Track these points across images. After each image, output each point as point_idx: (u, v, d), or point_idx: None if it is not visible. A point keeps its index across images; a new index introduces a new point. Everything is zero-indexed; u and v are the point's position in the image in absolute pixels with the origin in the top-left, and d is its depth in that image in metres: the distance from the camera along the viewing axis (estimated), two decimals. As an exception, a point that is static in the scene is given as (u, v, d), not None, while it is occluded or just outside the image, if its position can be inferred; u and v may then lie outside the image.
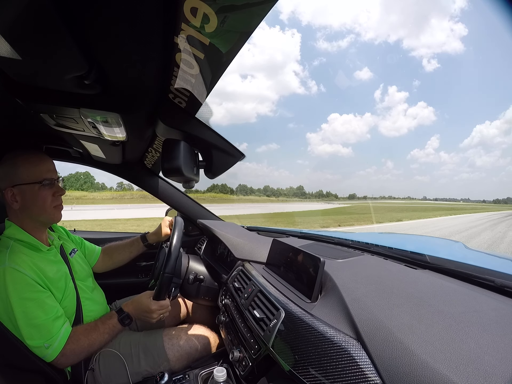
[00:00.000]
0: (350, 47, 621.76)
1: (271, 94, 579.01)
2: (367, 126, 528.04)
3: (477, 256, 1.06)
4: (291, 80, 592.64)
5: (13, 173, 0.84)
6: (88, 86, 0.61)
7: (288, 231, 1.55)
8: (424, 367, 0.40)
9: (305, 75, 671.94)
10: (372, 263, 0.88)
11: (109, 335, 0.91)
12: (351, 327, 0.55)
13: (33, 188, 0.86)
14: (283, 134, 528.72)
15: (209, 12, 0.40)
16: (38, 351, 0.78)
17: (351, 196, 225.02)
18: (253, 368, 0.75)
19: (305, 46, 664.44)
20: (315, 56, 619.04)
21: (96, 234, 1.90)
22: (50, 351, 0.79)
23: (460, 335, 0.44)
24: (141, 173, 1.56)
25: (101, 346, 0.91)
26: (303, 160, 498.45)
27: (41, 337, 0.78)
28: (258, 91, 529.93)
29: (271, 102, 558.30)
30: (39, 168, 0.88)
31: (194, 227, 1.71)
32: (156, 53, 0.53)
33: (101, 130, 0.86)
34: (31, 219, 0.89)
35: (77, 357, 0.86)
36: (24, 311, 0.76)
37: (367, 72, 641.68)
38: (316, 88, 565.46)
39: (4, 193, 0.84)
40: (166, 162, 0.74)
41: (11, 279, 0.76)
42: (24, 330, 0.76)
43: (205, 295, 1.19)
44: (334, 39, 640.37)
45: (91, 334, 0.88)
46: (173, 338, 1.02)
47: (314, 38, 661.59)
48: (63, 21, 0.42)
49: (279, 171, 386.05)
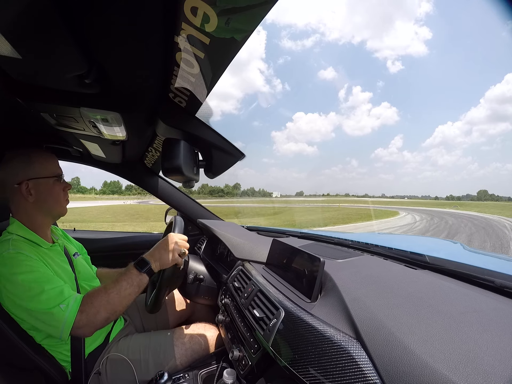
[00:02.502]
0: (314, 46, 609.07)
1: (235, 92, 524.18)
2: (331, 125, 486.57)
3: (477, 257, 1.06)
4: (256, 77, 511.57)
5: (29, 168, 0.86)
6: (88, 85, 0.61)
7: (288, 231, 1.55)
8: (424, 367, 0.40)
9: (270, 73, 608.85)
10: (372, 263, 0.88)
11: (126, 283, 0.82)
12: (350, 327, 0.55)
13: (48, 182, 0.89)
14: (248, 133, 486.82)
15: (209, 11, 0.40)
16: (56, 318, 0.74)
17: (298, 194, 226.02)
18: (252, 367, 0.75)
19: (270, 44, 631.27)
20: (280, 55, 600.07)
21: (96, 234, 1.90)
22: (67, 312, 0.74)
23: (459, 335, 0.44)
24: (141, 172, 1.56)
25: (122, 302, 0.81)
26: (268, 159, 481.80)
27: (55, 298, 0.75)
28: (222, 89, 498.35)
29: (236, 100, 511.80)
30: (53, 164, 0.92)
31: (194, 226, 1.72)
32: (156, 52, 0.53)
33: (101, 129, 0.86)
34: (42, 213, 0.90)
35: (99, 315, 0.78)
36: (35, 280, 0.75)
37: (331, 71, 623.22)
38: (281, 86, 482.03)
39: (19, 187, 0.85)
40: (166, 161, 0.74)
41: (17, 261, 0.76)
42: (36, 298, 0.74)
43: (205, 295, 1.19)
44: (299, 38, 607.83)
45: (107, 288, 0.81)
46: (180, 339, 1.01)
47: (279, 37, 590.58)
48: (63, 21, 0.42)
49: (244, 169, 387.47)
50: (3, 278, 0.75)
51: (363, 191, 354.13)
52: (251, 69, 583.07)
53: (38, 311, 0.74)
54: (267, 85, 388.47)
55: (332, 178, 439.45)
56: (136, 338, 1.02)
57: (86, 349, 0.91)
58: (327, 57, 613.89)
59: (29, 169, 0.86)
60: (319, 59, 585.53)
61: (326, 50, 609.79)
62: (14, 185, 0.85)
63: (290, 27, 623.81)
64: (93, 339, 0.93)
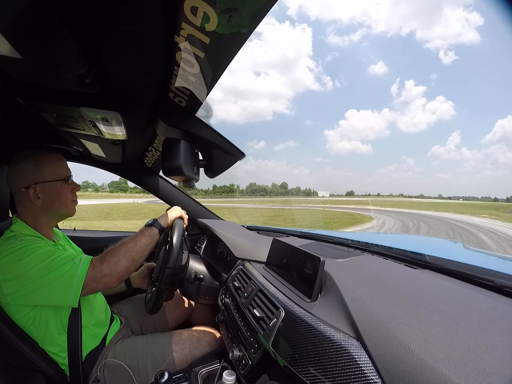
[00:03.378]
0: (362, 40, 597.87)
1: (286, 91, 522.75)
2: (385, 122, 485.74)
3: (477, 256, 1.06)
4: (305, 76, 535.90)
5: (37, 171, 0.86)
6: (88, 85, 0.61)
7: (288, 230, 1.55)
8: (424, 366, 0.40)
9: (319, 71, 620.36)
10: (372, 262, 0.88)
11: (140, 235, 0.91)
12: (350, 326, 0.55)
13: (55, 185, 0.89)
14: (301, 132, 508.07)
15: (209, 11, 0.40)
16: (69, 273, 0.77)
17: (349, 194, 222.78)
18: (252, 367, 0.75)
19: (317, 41, 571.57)
20: (328, 51, 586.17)
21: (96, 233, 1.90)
22: (81, 265, 0.79)
23: (459, 335, 0.44)
24: (141, 172, 1.56)
25: (138, 251, 0.88)
26: (322, 158, 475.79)
27: (67, 257, 0.80)
28: (272, 89, 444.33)
29: (287, 99, 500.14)
30: (62, 167, 0.92)
31: (194, 226, 1.72)
32: (157, 52, 0.53)
33: (101, 129, 0.86)
34: (48, 215, 0.91)
35: (120, 263, 0.83)
36: (45, 252, 0.78)
37: (382, 66, 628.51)
38: (331, 84, 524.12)
39: (27, 190, 0.85)
40: (166, 161, 0.74)
41: (24, 249, 0.78)
42: (48, 263, 0.77)
43: (205, 294, 1.19)
44: (345, 33, 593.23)
45: (124, 241, 0.89)
46: (179, 343, 1.00)
47: (324, 33, 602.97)
48: (63, 20, 0.42)
49: (299, 169, 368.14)
50: (11, 269, 0.76)
51: (418, 191, 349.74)
52: (300, 68, 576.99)
53: (50, 273, 0.76)
54: (317, 82, 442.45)
55: (388, 177, 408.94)
56: (133, 341, 1.00)
57: (84, 350, 0.90)
58: (376, 51, 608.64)
59: (37, 173, 0.86)
60: (368, 53, 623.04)
61: (374, 44, 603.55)
62: (22, 189, 0.85)
63: (335, 23, 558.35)
64: (89, 339, 0.93)
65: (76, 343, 0.89)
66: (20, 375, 0.81)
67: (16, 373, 0.80)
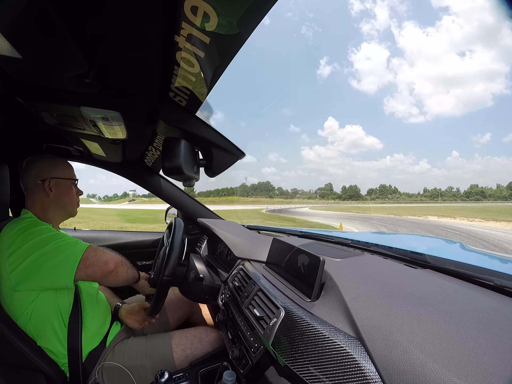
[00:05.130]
0: None
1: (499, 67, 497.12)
2: None
3: (477, 256, 1.06)
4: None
5: (54, 168, 0.99)
6: (89, 85, 0.61)
7: (288, 230, 1.55)
8: (424, 366, 0.40)
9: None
10: (372, 262, 0.88)
11: (134, 272, 1.02)
12: (351, 326, 0.55)
13: (67, 183, 1.01)
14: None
15: (209, 11, 0.40)
16: (70, 246, 0.86)
17: None
18: (253, 366, 0.75)
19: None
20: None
21: (96, 233, 1.90)
22: (80, 244, 0.88)
23: (459, 335, 0.44)
24: (142, 171, 1.56)
25: (124, 271, 0.96)
26: None
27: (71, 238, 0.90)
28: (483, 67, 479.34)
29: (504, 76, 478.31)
30: (72, 171, 1.06)
31: (194, 226, 1.72)
32: (157, 52, 0.53)
33: (102, 128, 0.86)
34: (56, 207, 0.99)
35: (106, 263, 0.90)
36: (53, 235, 0.87)
37: None
38: None
39: (42, 183, 0.95)
40: (166, 160, 0.74)
41: (32, 229, 0.85)
42: (53, 240, 0.85)
43: (205, 294, 1.19)
44: None
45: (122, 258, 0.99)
46: (180, 344, 1.00)
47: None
48: (63, 20, 0.42)
49: None
50: (20, 238, 0.82)
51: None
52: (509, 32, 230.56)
53: (52, 242, 0.83)
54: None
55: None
56: (131, 343, 1.00)
57: (84, 350, 0.90)
58: None
59: (54, 169, 0.98)
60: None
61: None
62: (38, 181, 0.95)
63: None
64: (90, 339, 0.93)
65: (76, 343, 0.89)
66: (20, 375, 0.81)
67: (15, 373, 0.80)
